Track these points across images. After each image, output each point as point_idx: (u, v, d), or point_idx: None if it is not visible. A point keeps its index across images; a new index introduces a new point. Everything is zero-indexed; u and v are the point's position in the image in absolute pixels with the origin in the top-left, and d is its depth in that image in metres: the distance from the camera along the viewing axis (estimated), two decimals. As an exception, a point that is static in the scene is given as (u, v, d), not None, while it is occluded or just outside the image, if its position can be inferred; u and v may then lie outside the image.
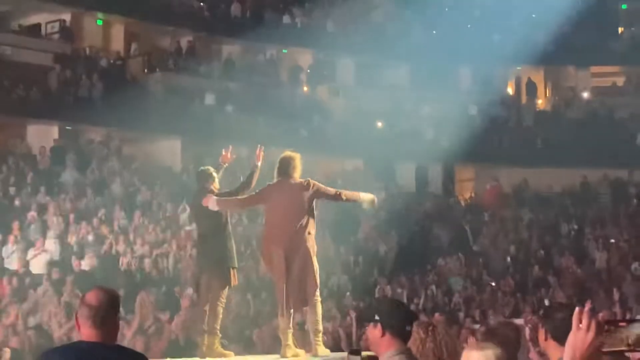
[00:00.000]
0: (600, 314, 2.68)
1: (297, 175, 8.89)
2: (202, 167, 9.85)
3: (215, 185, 9.52)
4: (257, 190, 9.06)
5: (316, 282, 8.78)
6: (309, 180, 8.88)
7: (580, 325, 2.76)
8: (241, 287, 14.43)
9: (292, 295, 8.74)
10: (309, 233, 8.80)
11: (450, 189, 30.17)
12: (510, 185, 28.30)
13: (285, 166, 8.96)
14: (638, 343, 2.83)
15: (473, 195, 29.33)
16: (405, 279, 20.55)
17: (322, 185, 9.03)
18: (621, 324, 2.86)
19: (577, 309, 2.80)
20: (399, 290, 19.47)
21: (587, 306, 2.80)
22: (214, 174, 9.60)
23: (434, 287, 20.27)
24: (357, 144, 26.78)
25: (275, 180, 8.92)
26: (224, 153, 9.89)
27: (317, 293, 8.85)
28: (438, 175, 30.04)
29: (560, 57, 30.09)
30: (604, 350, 2.80)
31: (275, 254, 8.70)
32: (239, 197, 9.39)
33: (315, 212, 8.88)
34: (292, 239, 8.68)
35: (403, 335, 4.76)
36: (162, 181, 22.96)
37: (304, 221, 8.72)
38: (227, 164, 9.87)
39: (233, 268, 9.43)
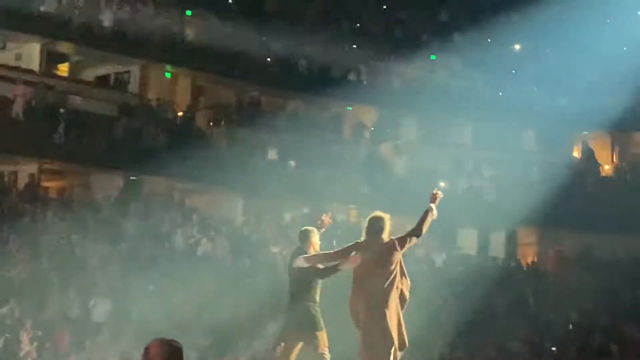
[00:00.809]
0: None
1: (386, 236, 8.95)
2: (303, 227, 9.85)
3: (314, 246, 9.56)
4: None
5: (392, 337, 8.77)
6: (396, 240, 8.96)
7: None
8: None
9: (367, 350, 8.75)
10: (397, 288, 8.86)
11: (513, 252, 29.77)
12: (573, 251, 27.90)
13: (375, 226, 9.01)
14: None
15: (535, 259, 28.95)
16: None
17: (403, 236, 9.11)
18: None
19: None
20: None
21: None
22: (312, 235, 9.63)
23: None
24: (418, 203, 26.53)
25: (363, 238, 8.98)
26: (323, 217, 9.90)
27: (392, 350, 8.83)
28: (500, 239, 29.70)
29: (628, 122, 29.72)
30: None
31: (362, 311, 8.74)
32: (325, 252, 9.44)
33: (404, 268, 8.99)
34: (377, 296, 8.73)
35: None
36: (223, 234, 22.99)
37: (391, 278, 8.77)
38: (324, 229, 9.88)
39: (321, 331, 9.47)
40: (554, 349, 20.87)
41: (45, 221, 20.63)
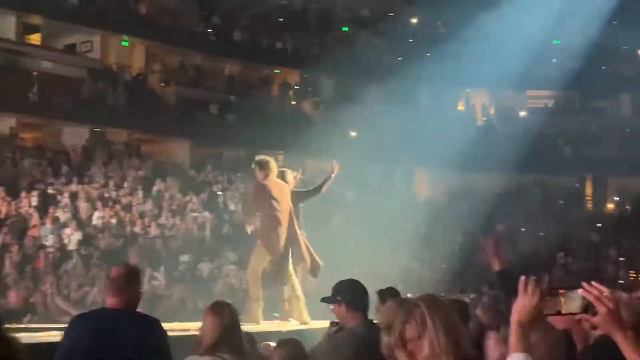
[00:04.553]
0: (545, 283, 2.59)
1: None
2: (281, 169, 9.85)
3: (290, 184, 9.64)
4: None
5: None
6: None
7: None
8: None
9: None
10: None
11: (410, 188, 30.03)
12: (460, 186, 28.37)
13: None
14: (569, 308, 2.77)
15: (429, 194, 29.34)
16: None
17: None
18: (561, 291, 2.77)
19: (522, 277, 2.74)
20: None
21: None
22: (287, 174, 9.69)
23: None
24: (333, 149, 26.75)
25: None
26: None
27: None
28: (398, 177, 30.03)
29: (502, 82, 30.11)
30: (545, 313, 2.76)
31: None
32: None
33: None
34: None
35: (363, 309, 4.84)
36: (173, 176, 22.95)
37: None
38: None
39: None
40: (444, 265, 21.22)
41: (24, 166, 20.40)
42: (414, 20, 33.64)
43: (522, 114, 33.11)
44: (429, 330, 2.85)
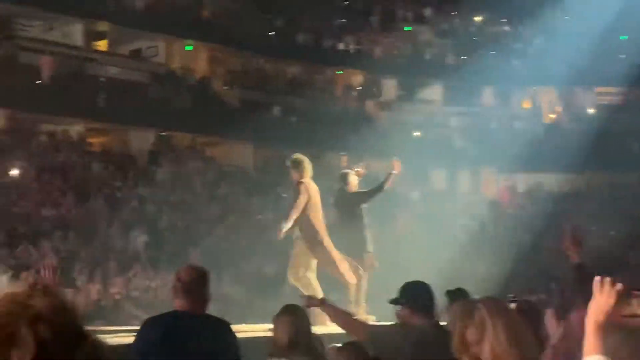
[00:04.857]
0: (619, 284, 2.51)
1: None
2: (343, 170, 9.99)
3: (352, 186, 9.69)
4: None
5: None
6: None
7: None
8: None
9: None
10: None
11: (476, 188, 29.74)
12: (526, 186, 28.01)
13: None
14: None
15: (494, 193, 29.02)
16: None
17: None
18: (636, 292, 2.75)
19: (597, 277, 2.68)
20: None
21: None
22: (350, 176, 9.73)
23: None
24: (396, 149, 26.68)
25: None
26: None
27: None
28: (466, 177, 29.77)
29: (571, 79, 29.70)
30: (622, 315, 2.72)
31: None
32: None
33: None
34: None
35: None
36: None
37: None
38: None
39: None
40: (511, 265, 20.97)
41: (92, 170, 20.78)
42: (478, 19, 33.35)
43: (590, 111, 32.56)
44: (489, 334, 2.82)
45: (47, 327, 1.21)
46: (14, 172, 19.18)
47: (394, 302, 4.83)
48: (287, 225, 9.13)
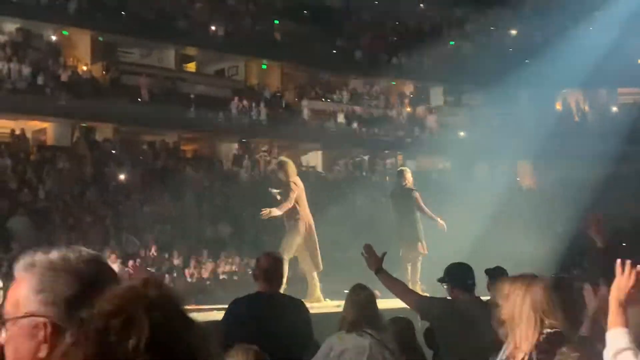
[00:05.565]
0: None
1: None
2: (400, 168, 10.08)
3: (409, 182, 9.74)
4: None
5: None
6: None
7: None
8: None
9: None
10: None
11: (514, 179, 29.26)
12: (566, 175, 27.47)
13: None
14: None
15: (532, 184, 28.55)
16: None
17: None
18: None
19: (619, 260, 2.62)
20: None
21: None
22: (406, 172, 9.85)
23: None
24: (444, 148, 26.44)
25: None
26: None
27: None
28: (505, 169, 29.33)
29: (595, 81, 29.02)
30: None
31: None
32: None
33: None
34: None
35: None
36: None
37: None
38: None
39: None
40: (547, 246, 20.51)
41: (185, 174, 21.08)
42: (514, 32, 32.85)
43: (614, 109, 31.83)
44: (523, 310, 2.78)
45: (159, 313, 1.25)
46: (121, 176, 19.57)
47: (440, 280, 4.85)
48: (276, 212, 9.31)
